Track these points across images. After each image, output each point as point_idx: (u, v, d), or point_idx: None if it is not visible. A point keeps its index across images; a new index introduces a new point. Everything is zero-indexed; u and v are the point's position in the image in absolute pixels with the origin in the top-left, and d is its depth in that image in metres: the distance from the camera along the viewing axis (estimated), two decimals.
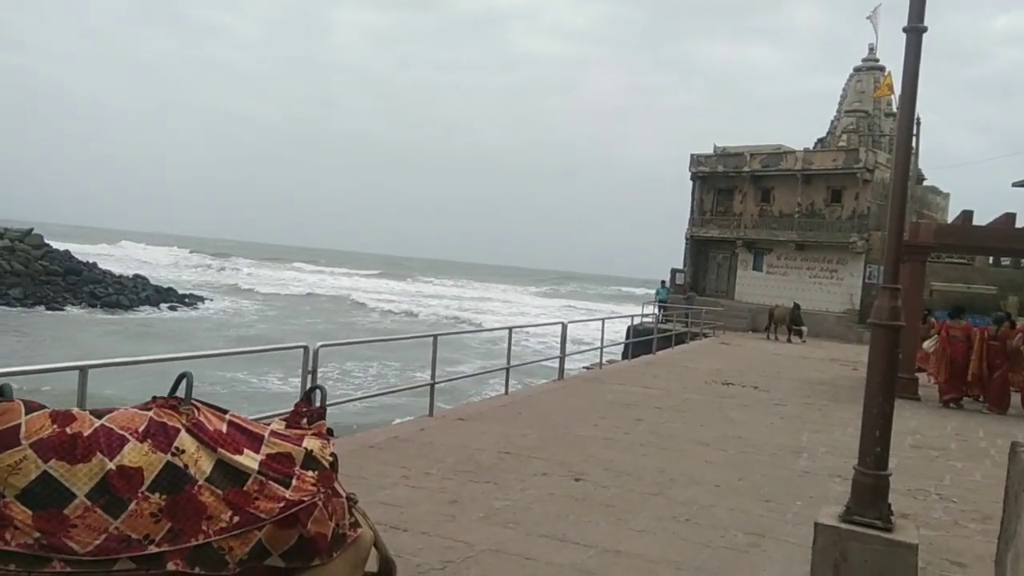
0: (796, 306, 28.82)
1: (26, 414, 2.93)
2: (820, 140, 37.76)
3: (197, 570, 3.02)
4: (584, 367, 18.76)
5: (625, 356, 21.24)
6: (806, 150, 35.45)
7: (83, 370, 4.85)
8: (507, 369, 11.73)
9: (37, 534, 2.73)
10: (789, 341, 27.69)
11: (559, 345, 13.89)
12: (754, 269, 35.97)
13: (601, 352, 16.81)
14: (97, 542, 2.82)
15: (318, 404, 3.87)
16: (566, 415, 10.04)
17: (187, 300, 42.29)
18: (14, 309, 31.86)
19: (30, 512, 2.75)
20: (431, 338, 9.76)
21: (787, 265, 34.95)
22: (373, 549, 3.85)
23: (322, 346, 7.18)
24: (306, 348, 6.96)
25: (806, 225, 34.30)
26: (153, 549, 2.92)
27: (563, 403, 11.05)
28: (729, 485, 7.07)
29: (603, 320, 17.26)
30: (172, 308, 39.51)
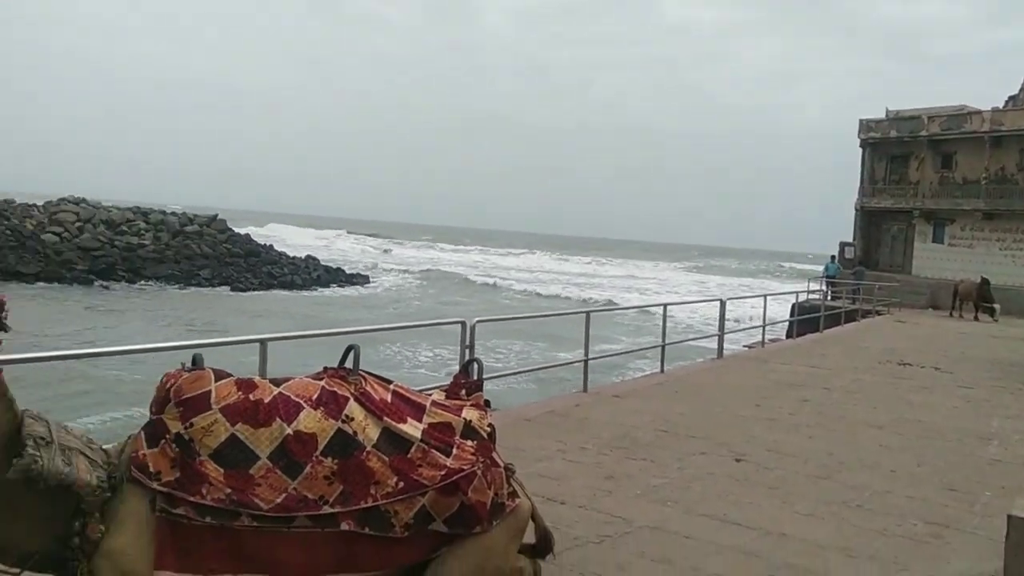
0: (984, 281, 26.26)
1: (215, 381, 3.20)
2: (1011, 98, 34.08)
3: (367, 530, 3.19)
4: (744, 346, 18.13)
5: (789, 335, 20.24)
6: (995, 110, 32.14)
7: (263, 343, 5.24)
8: (662, 347, 11.54)
9: (228, 490, 2.96)
10: (976, 319, 25.36)
11: (715, 323, 13.49)
12: (934, 241, 33.23)
13: (763, 330, 16.14)
14: (278, 500, 3.03)
15: (475, 377, 3.97)
16: (725, 394, 9.74)
17: (355, 279, 44.67)
18: (204, 289, 34.93)
19: (222, 470, 2.98)
20: (583, 315, 9.76)
21: (973, 237, 32.01)
22: (531, 521, 3.91)
23: (479, 321, 7.35)
24: (464, 323, 7.16)
25: (995, 192, 31.19)
26: (327, 509, 3.10)
27: (722, 382, 10.73)
28: (906, 471, 6.59)
29: (765, 296, 16.58)
30: (340, 286, 41.89)
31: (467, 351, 7.06)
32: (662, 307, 12.74)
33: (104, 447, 3.08)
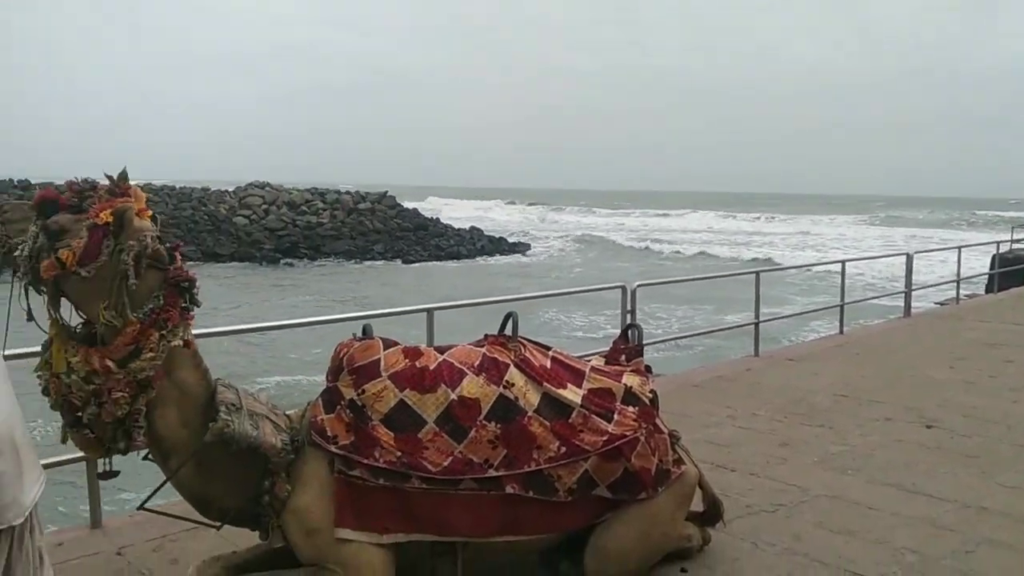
0: None
1: (384, 350, 3.34)
2: None
3: (530, 494, 3.23)
4: (935, 303, 16.69)
5: (989, 289, 18.37)
6: None
7: (430, 312, 5.43)
8: (841, 307, 10.83)
9: (399, 453, 3.09)
10: None
11: (901, 281, 12.47)
12: None
13: (958, 284, 14.76)
14: (445, 463, 3.12)
15: (635, 342, 3.90)
16: (914, 355, 9.01)
17: (516, 248, 45.40)
18: (378, 263, 36.83)
19: (392, 434, 3.12)
20: (752, 275, 9.34)
21: None
22: (698, 488, 3.81)
23: (639, 286, 7.22)
24: (624, 288, 7.05)
25: None
26: (492, 472, 3.17)
27: (910, 342, 9.93)
28: None
29: (959, 248, 15.11)
30: (503, 255, 42.73)
31: (627, 316, 6.96)
32: (840, 264, 11.92)
33: (287, 412, 3.31)
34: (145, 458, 3.12)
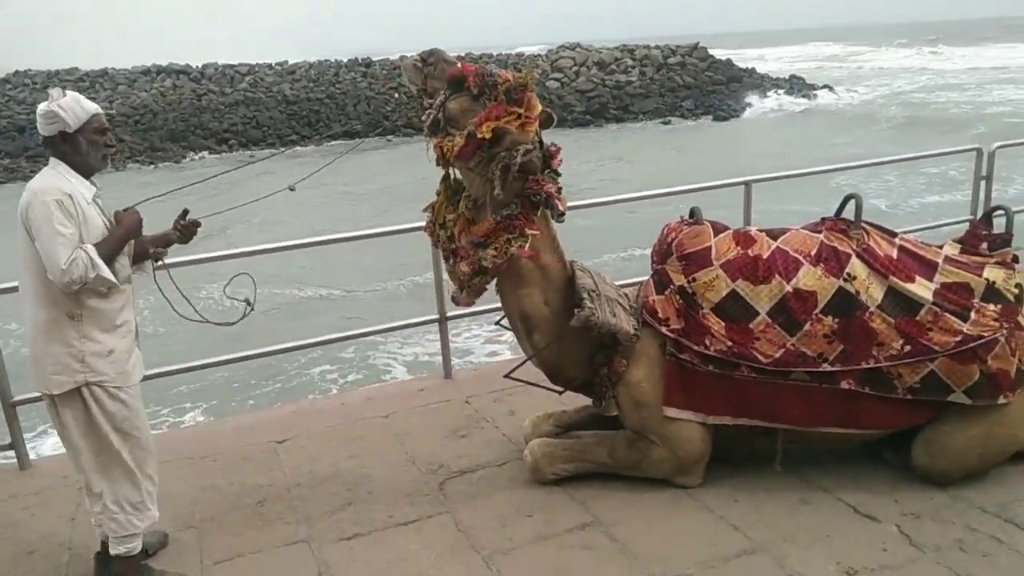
0: None
1: (714, 236, 3.33)
2: None
3: (867, 389, 3.14)
4: None
5: None
6: None
7: (748, 184, 5.24)
8: None
9: (729, 343, 3.16)
10: None
11: None
12: None
13: None
14: (776, 355, 3.13)
15: (1005, 229, 3.42)
16: None
17: (828, 90, 40.89)
18: (688, 121, 35.73)
19: (723, 323, 3.18)
20: None
21: None
22: None
23: (1000, 147, 6.23)
24: (979, 150, 6.13)
25: None
26: (826, 367, 3.11)
27: None
28: None
29: None
30: (808, 99, 38.82)
31: (982, 184, 6.09)
32: None
33: (626, 292, 3.50)
34: (497, 323, 3.60)
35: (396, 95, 34.28)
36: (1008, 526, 3.04)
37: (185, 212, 3.07)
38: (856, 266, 3.16)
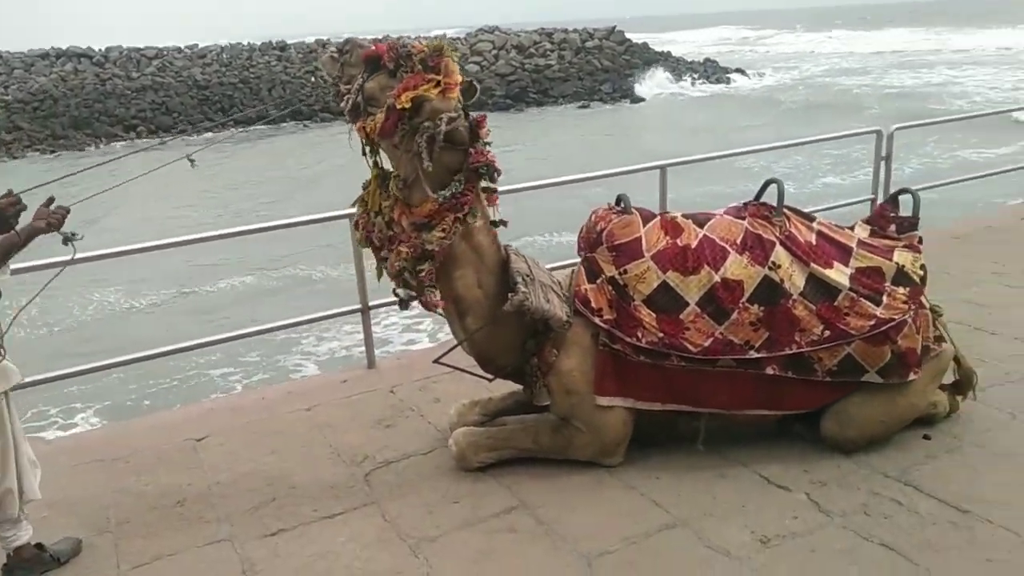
0: None
1: (643, 226, 3.34)
2: None
3: (790, 374, 3.26)
4: None
5: None
6: None
7: (663, 169, 5.35)
8: None
9: (660, 334, 3.21)
10: None
11: None
12: None
13: None
14: (705, 344, 3.20)
15: (911, 212, 3.56)
16: None
17: (744, 74, 42.01)
18: (607, 105, 36.10)
19: (654, 315, 3.22)
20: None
21: None
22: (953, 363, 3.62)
23: (898, 128, 6.54)
24: (879, 132, 6.41)
25: None
26: (752, 354, 3.21)
27: None
28: None
29: None
30: (726, 84, 39.76)
31: (882, 164, 6.38)
32: None
33: (559, 279, 3.48)
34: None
35: (312, 79, 33.54)
36: (907, 489, 3.22)
37: (51, 200, 2.79)
38: (780, 254, 3.24)
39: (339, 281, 10.85)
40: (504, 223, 3.31)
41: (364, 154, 3.21)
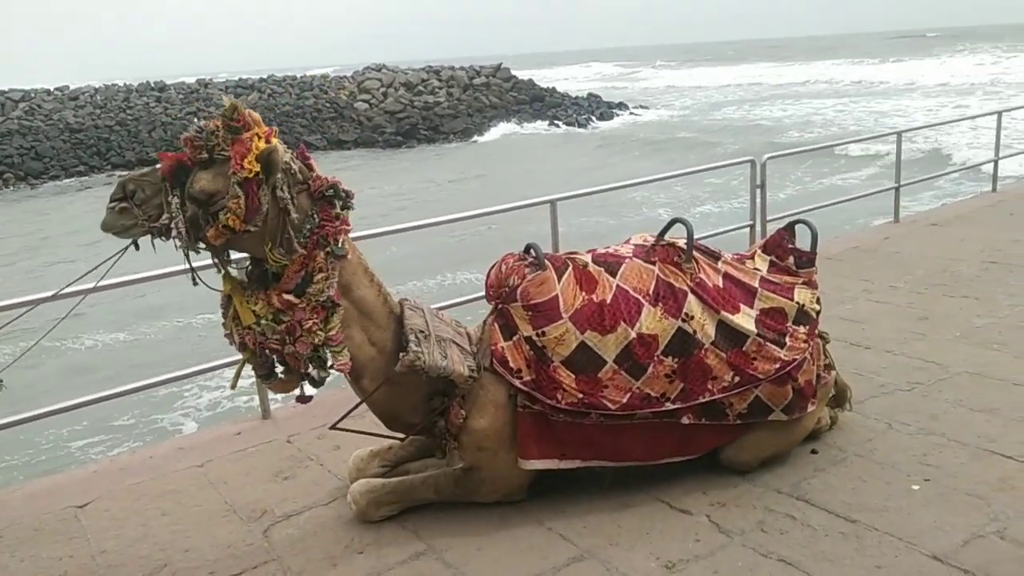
0: None
1: (558, 282, 3.26)
2: None
3: (704, 420, 3.33)
4: None
5: None
6: None
7: (553, 204, 5.45)
8: (995, 162, 9.98)
9: (580, 395, 3.18)
10: None
11: None
12: None
13: None
14: (623, 400, 3.21)
15: (809, 246, 3.69)
16: None
17: (631, 110, 43.65)
18: (497, 138, 36.66)
19: (573, 376, 3.19)
20: (894, 136, 8.76)
21: None
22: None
23: (770, 158, 6.94)
24: (753, 162, 6.80)
25: None
26: (668, 406, 3.26)
27: None
28: None
29: None
30: (606, 119, 41.14)
31: (758, 191, 6.75)
32: (996, 115, 10.81)
33: (468, 331, 3.39)
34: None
35: (195, 119, 32.57)
36: (800, 503, 3.36)
37: None
38: (692, 304, 3.28)
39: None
40: (344, 255, 2.97)
41: (218, 270, 2.91)
